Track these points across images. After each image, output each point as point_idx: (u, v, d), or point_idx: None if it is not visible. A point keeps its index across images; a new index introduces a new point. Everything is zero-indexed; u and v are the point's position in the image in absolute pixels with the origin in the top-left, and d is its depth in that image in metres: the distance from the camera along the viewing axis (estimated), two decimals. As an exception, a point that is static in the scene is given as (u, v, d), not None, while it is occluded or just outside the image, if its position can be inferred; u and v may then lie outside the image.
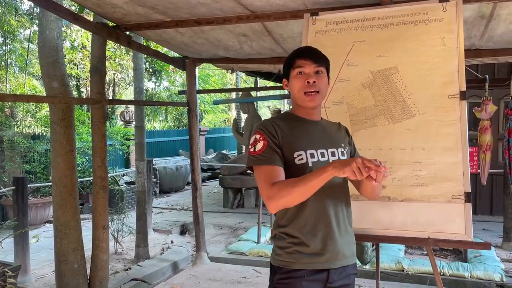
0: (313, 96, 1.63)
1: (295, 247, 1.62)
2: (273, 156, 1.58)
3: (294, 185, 1.47)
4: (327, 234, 1.62)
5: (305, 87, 1.63)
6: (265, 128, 1.62)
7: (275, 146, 1.59)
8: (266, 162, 1.57)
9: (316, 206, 1.61)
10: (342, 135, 1.79)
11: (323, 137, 1.69)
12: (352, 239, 1.74)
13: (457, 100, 2.30)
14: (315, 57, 1.65)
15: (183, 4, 2.88)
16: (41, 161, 7.50)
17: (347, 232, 1.70)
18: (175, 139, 13.81)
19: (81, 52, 11.43)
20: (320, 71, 1.65)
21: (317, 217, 1.62)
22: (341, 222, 1.66)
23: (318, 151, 1.63)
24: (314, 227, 1.61)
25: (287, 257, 1.63)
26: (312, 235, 1.61)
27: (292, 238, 1.63)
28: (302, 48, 1.75)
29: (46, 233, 6.23)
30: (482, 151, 3.87)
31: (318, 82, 1.63)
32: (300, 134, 1.65)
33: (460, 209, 2.22)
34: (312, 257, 1.61)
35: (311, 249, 1.61)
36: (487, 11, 2.90)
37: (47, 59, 3.40)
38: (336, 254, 1.63)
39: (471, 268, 4.23)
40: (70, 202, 3.40)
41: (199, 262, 4.75)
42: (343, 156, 1.69)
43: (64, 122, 3.38)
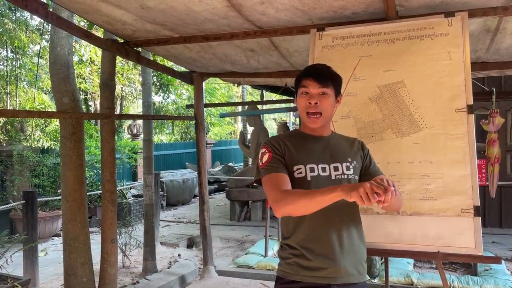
0: (315, 118, 1.66)
1: (295, 258, 1.65)
2: (278, 165, 1.64)
3: (301, 196, 1.50)
4: (327, 250, 1.61)
5: (308, 107, 1.65)
6: (269, 143, 1.71)
7: (279, 157, 1.66)
8: (272, 171, 1.63)
9: (317, 221, 1.62)
10: (352, 150, 1.77)
11: (327, 152, 1.71)
12: (360, 256, 1.70)
13: (465, 114, 2.31)
14: (320, 78, 1.66)
15: (191, 21, 2.93)
16: (49, 175, 7.55)
17: (353, 249, 1.67)
18: (181, 151, 13.85)
19: (90, 66, 11.58)
20: (325, 93, 1.66)
21: (317, 232, 1.63)
22: (345, 238, 1.64)
23: (319, 165, 1.65)
24: (313, 241, 1.62)
25: (287, 267, 1.67)
26: (311, 249, 1.62)
27: (292, 249, 1.66)
28: (310, 67, 1.76)
29: (54, 247, 6.25)
30: (490, 164, 3.85)
31: (321, 103, 1.64)
32: (302, 149, 1.69)
33: (470, 223, 2.22)
34: (311, 271, 1.62)
35: (311, 262, 1.61)
36: (492, 25, 2.92)
37: (58, 75, 3.46)
38: (337, 271, 1.61)
39: (481, 282, 4.18)
40: (79, 216, 3.43)
41: (206, 276, 4.73)
42: (348, 170, 1.68)
43: (74, 136, 3.43)
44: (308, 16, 2.77)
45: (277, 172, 1.62)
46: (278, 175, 1.61)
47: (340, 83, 1.75)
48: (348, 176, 1.68)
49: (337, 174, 1.66)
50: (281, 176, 1.61)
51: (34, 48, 10.73)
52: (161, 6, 2.66)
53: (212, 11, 2.72)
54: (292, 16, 2.77)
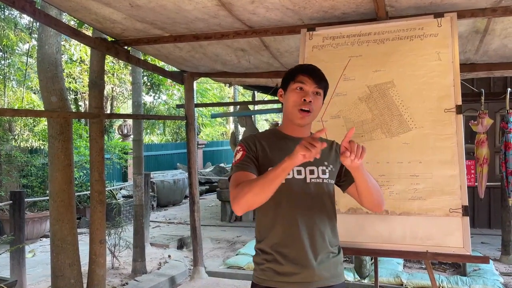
0: (305, 114, 1.63)
1: (268, 264, 1.62)
2: (249, 164, 1.61)
3: (253, 182, 1.48)
4: (299, 254, 1.59)
5: (301, 103, 1.62)
6: (245, 142, 1.68)
7: (252, 157, 1.63)
8: (240, 169, 1.60)
9: (289, 224, 1.60)
10: (330, 154, 1.73)
11: None
12: (335, 260, 1.68)
13: (453, 114, 2.32)
14: (318, 78, 1.65)
15: (181, 20, 2.91)
16: (38, 175, 7.47)
17: (327, 253, 1.64)
18: (172, 152, 13.79)
19: (80, 66, 11.48)
20: (318, 93, 1.66)
21: (289, 235, 1.60)
22: (318, 243, 1.61)
23: (295, 168, 1.60)
24: (286, 246, 1.60)
25: (261, 273, 1.64)
26: (284, 253, 1.59)
27: (265, 254, 1.64)
28: (307, 65, 1.74)
29: (42, 248, 6.18)
30: (479, 164, 3.88)
31: (314, 103, 1.64)
32: (279, 151, 1.65)
33: (458, 223, 2.23)
34: (285, 276, 1.59)
35: (284, 267, 1.59)
36: (481, 26, 2.94)
37: (46, 73, 3.42)
38: (311, 276, 1.59)
39: (470, 282, 4.21)
40: (67, 217, 3.39)
41: (196, 277, 4.71)
42: (324, 174, 1.66)
43: (62, 136, 3.39)
44: (298, 16, 2.77)
45: (243, 171, 1.59)
46: (244, 173, 1.57)
47: (328, 87, 1.75)
48: (323, 180, 1.65)
49: (312, 178, 1.63)
50: (245, 174, 1.57)
51: (23, 47, 10.61)
52: (150, 5, 2.64)
53: (203, 10, 2.71)
54: (283, 16, 2.77)
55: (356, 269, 4.55)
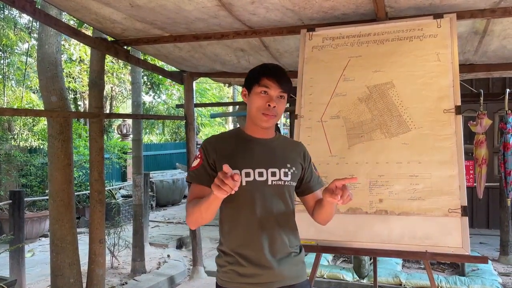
0: (269, 117, 1.62)
1: (230, 266, 1.62)
2: (202, 175, 1.61)
3: (194, 206, 1.52)
4: (259, 255, 1.59)
5: (265, 108, 1.61)
6: (205, 147, 1.65)
7: (207, 166, 1.62)
8: (194, 180, 1.63)
9: (249, 226, 1.60)
10: (293, 156, 1.72)
11: (266, 156, 1.65)
12: (297, 259, 1.68)
13: (453, 115, 2.33)
14: (281, 82, 1.63)
15: (181, 20, 2.92)
16: (37, 174, 7.47)
17: (287, 253, 1.65)
18: (172, 152, 13.79)
19: (79, 65, 11.48)
20: (283, 96, 1.65)
21: (249, 237, 1.61)
22: (278, 244, 1.62)
23: (256, 170, 1.60)
24: (247, 247, 1.60)
25: (224, 276, 1.64)
26: (245, 255, 1.60)
27: (227, 256, 1.64)
28: (271, 66, 1.68)
29: (41, 247, 6.18)
30: (478, 165, 3.90)
31: (278, 107, 1.62)
32: (240, 153, 1.64)
33: (457, 223, 2.23)
34: (247, 278, 1.60)
35: (246, 269, 1.59)
36: (480, 27, 2.95)
37: (46, 73, 3.42)
38: (272, 276, 1.59)
39: (468, 282, 4.22)
40: (67, 216, 3.39)
41: (196, 277, 4.72)
42: (286, 177, 1.64)
43: (62, 136, 3.39)
44: (298, 17, 2.77)
45: (197, 184, 1.61)
46: (197, 187, 1.61)
47: (292, 89, 1.75)
48: (285, 182, 1.64)
49: (274, 180, 1.62)
50: (199, 189, 1.60)
51: (22, 46, 10.61)
52: (151, 5, 2.65)
53: (203, 10, 2.71)
54: (283, 16, 2.77)
55: (355, 269, 4.56)
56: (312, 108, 2.62)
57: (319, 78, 2.63)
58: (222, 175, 1.29)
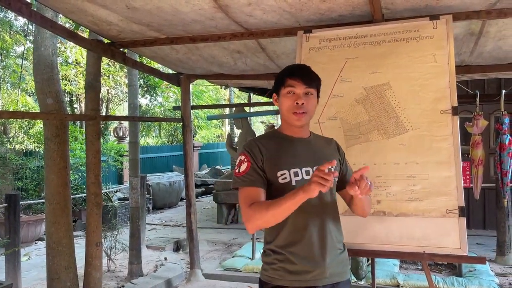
0: (300, 115, 1.65)
1: (280, 263, 1.64)
2: (255, 178, 1.61)
3: (268, 208, 1.51)
4: (310, 252, 1.61)
5: (294, 107, 1.64)
6: (249, 150, 1.66)
7: (258, 168, 1.62)
8: (248, 184, 1.61)
9: (298, 224, 1.62)
10: (331, 152, 1.77)
11: (309, 154, 1.69)
12: (342, 256, 1.72)
13: (449, 116, 2.34)
14: (306, 79, 1.66)
15: (178, 22, 2.91)
16: (33, 177, 7.43)
17: (335, 250, 1.68)
18: (168, 154, 13.76)
19: (75, 68, 11.45)
20: (310, 93, 1.66)
21: (299, 235, 1.62)
22: (328, 240, 1.65)
23: (303, 169, 1.64)
24: (296, 244, 1.62)
25: (273, 273, 1.65)
26: (295, 252, 1.62)
27: (277, 254, 1.65)
28: (295, 66, 1.75)
29: (37, 251, 6.14)
30: (474, 166, 3.90)
31: (307, 103, 1.65)
32: (285, 153, 1.67)
33: (455, 224, 2.24)
34: (297, 275, 1.61)
35: (296, 266, 1.61)
36: (476, 29, 2.96)
37: (42, 76, 3.41)
38: (322, 273, 1.62)
39: (466, 283, 4.23)
40: (63, 219, 3.37)
41: (193, 279, 4.70)
42: None
43: (58, 138, 3.38)
44: (295, 18, 2.77)
45: (251, 186, 1.60)
46: (253, 190, 1.60)
47: (320, 84, 1.75)
48: None
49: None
50: (256, 192, 1.60)
51: (18, 49, 10.56)
52: (147, 7, 2.64)
53: (199, 12, 2.71)
54: (279, 18, 2.77)
55: (353, 270, 4.55)
56: (309, 110, 2.62)
57: (316, 79, 2.63)
58: (322, 173, 1.35)
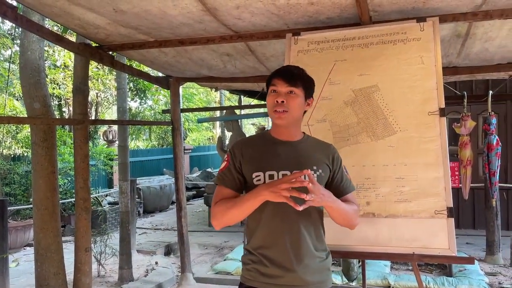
0: (280, 114, 1.62)
1: (253, 264, 1.65)
2: (227, 178, 1.66)
3: (229, 207, 1.55)
4: (282, 257, 1.60)
5: (275, 105, 1.63)
6: (232, 150, 1.70)
7: (234, 169, 1.66)
8: (220, 182, 1.67)
9: (272, 227, 1.61)
10: (321, 157, 1.70)
11: (292, 158, 1.65)
12: (323, 265, 1.67)
13: (437, 117, 2.35)
14: (289, 78, 1.64)
15: (166, 25, 2.90)
16: (21, 183, 7.34)
17: (313, 258, 1.63)
18: (159, 158, 13.69)
19: (64, 72, 11.35)
20: (293, 92, 1.64)
21: (272, 238, 1.62)
22: (303, 248, 1.61)
23: (281, 172, 1.61)
24: (269, 248, 1.62)
25: (247, 273, 1.67)
26: (268, 256, 1.61)
27: (252, 255, 1.67)
28: (282, 67, 1.74)
29: (26, 257, 6.06)
30: (463, 166, 3.94)
31: (288, 102, 1.62)
32: (265, 155, 1.66)
33: (443, 224, 2.25)
34: (269, 278, 1.61)
35: (268, 269, 1.61)
36: (463, 30, 2.99)
37: (29, 80, 3.37)
38: (294, 279, 1.59)
39: (456, 283, 4.26)
40: (51, 225, 3.33)
41: (184, 283, 4.67)
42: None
43: (46, 143, 3.34)
44: (283, 21, 2.78)
45: (222, 185, 1.65)
46: (223, 189, 1.65)
47: (311, 86, 1.72)
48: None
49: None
50: (224, 191, 1.64)
51: (5, 53, 10.45)
52: (135, 10, 2.63)
53: (187, 15, 2.70)
54: (268, 20, 2.78)
55: (344, 272, 4.57)
56: (299, 112, 2.62)
57: (305, 82, 2.63)
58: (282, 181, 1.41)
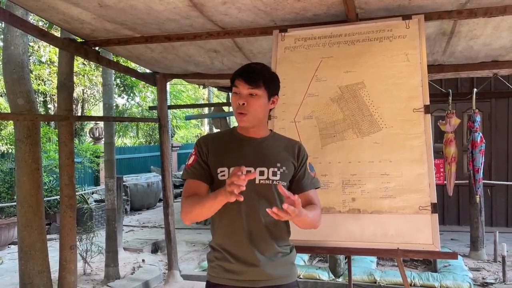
0: (242, 116, 1.62)
1: (218, 261, 1.65)
2: (197, 171, 1.65)
3: (194, 204, 1.55)
4: (246, 253, 1.60)
5: (237, 107, 1.63)
6: (199, 144, 1.71)
7: (202, 162, 1.66)
8: (190, 176, 1.66)
9: (235, 223, 1.62)
10: (286, 155, 1.69)
11: (255, 155, 1.65)
12: (286, 259, 1.68)
13: (422, 114, 2.37)
14: (250, 80, 1.61)
15: (152, 20, 2.87)
16: (5, 180, 7.24)
17: (275, 253, 1.64)
18: (146, 155, 13.60)
19: (49, 68, 11.19)
20: (255, 94, 1.61)
21: (235, 234, 1.62)
22: (264, 243, 1.62)
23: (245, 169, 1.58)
24: (232, 244, 1.63)
25: (212, 271, 1.68)
26: (232, 252, 1.62)
27: (215, 252, 1.67)
28: (244, 66, 1.69)
29: (11, 255, 5.98)
30: (447, 163, 3.99)
31: (248, 105, 1.61)
32: (230, 150, 1.66)
33: (427, 220, 2.28)
34: (233, 274, 1.62)
35: (232, 265, 1.61)
36: (448, 28, 3.02)
37: (12, 75, 3.32)
38: (258, 274, 1.60)
39: (440, 278, 4.32)
40: (35, 222, 3.29)
41: (171, 281, 4.65)
42: (275, 176, 1.62)
43: (30, 139, 3.29)
44: (270, 17, 2.77)
45: (193, 179, 1.65)
46: (193, 182, 1.64)
47: (275, 84, 1.69)
48: (273, 181, 1.62)
49: (262, 179, 1.61)
50: (195, 184, 1.64)
51: (-12, 48, 10.26)
52: (120, 5, 2.60)
53: (174, 10, 2.68)
54: (255, 17, 2.77)
55: (331, 268, 4.59)
56: (285, 109, 2.62)
57: (292, 78, 2.64)
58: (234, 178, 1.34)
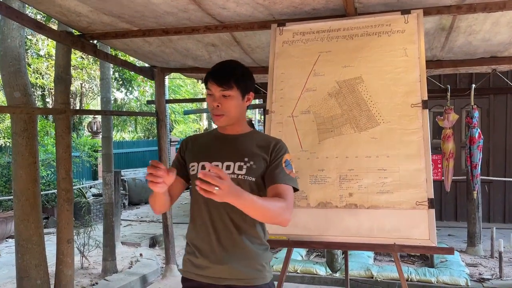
0: (218, 117, 1.63)
1: (187, 255, 1.70)
2: (176, 166, 1.73)
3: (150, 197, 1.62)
4: (210, 250, 1.61)
5: (212, 109, 1.64)
6: (182, 142, 1.80)
7: (180, 158, 1.75)
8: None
9: (201, 220, 1.65)
10: (258, 151, 1.65)
11: (228, 150, 1.65)
12: (254, 260, 1.62)
13: (420, 109, 2.37)
14: (221, 81, 1.60)
15: (149, 13, 2.86)
16: (3, 173, 7.22)
17: (241, 250, 1.60)
18: (144, 149, 13.59)
19: (47, 61, 11.14)
20: (227, 95, 1.60)
21: (201, 230, 1.65)
22: (231, 240, 1.60)
23: (213, 163, 1.62)
24: (199, 240, 1.65)
25: (183, 265, 1.73)
26: (198, 246, 1.65)
27: (187, 246, 1.72)
28: (216, 66, 1.67)
29: (8, 249, 5.98)
30: (445, 159, 3.99)
31: (223, 106, 1.61)
32: (205, 147, 1.72)
33: (424, 215, 2.28)
34: (199, 269, 1.64)
35: (198, 260, 1.64)
36: (447, 23, 3.01)
37: (9, 68, 3.30)
38: (221, 271, 1.60)
39: (437, 274, 4.33)
40: (32, 216, 3.28)
41: (169, 275, 4.66)
42: (240, 170, 1.60)
43: (27, 133, 3.27)
44: (269, 11, 2.76)
45: None
46: None
47: (247, 82, 1.66)
48: (238, 176, 1.59)
49: (228, 173, 1.58)
50: None
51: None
52: (117, -3, 2.58)
53: (172, 3, 2.67)
54: (253, 11, 2.75)
55: (328, 263, 4.61)
56: (283, 104, 2.62)
57: (290, 73, 2.63)
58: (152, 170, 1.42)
